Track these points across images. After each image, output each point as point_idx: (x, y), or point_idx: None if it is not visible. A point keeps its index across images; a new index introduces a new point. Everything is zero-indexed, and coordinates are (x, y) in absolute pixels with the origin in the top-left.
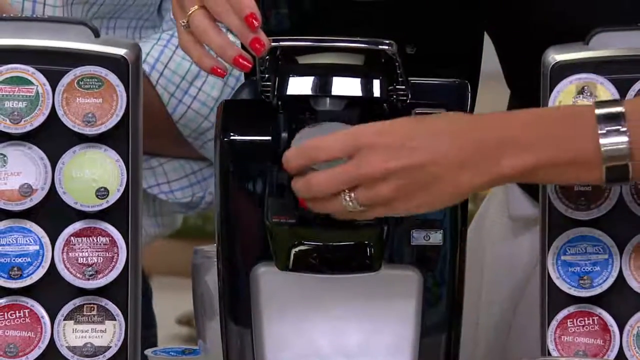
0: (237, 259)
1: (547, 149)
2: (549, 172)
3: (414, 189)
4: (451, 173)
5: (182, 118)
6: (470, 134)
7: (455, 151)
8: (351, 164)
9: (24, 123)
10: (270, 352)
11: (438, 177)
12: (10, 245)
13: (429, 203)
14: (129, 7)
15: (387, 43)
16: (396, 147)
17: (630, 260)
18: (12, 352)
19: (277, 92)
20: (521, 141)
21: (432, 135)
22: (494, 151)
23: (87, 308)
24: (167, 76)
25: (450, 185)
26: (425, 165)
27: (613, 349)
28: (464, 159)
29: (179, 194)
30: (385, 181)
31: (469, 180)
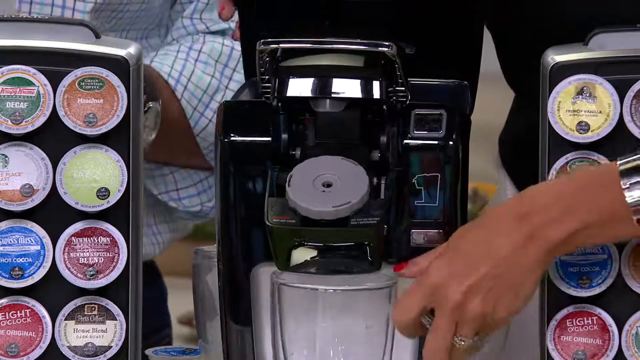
0: (238, 259)
1: (579, 215)
2: (588, 235)
3: (496, 291)
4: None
5: (203, 131)
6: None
7: (507, 246)
8: (437, 314)
9: (25, 123)
10: (270, 351)
11: (504, 271)
12: (12, 245)
13: (517, 293)
14: (143, 17)
15: (386, 45)
16: (460, 270)
17: (629, 261)
18: (14, 352)
19: (277, 93)
20: (554, 215)
21: (484, 242)
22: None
23: (88, 308)
24: (191, 90)
25: (518, 271)
26: (490, 268)
27: (612, 349)
28: (515, 246)
29: (187, 202)
30: (470, 301)
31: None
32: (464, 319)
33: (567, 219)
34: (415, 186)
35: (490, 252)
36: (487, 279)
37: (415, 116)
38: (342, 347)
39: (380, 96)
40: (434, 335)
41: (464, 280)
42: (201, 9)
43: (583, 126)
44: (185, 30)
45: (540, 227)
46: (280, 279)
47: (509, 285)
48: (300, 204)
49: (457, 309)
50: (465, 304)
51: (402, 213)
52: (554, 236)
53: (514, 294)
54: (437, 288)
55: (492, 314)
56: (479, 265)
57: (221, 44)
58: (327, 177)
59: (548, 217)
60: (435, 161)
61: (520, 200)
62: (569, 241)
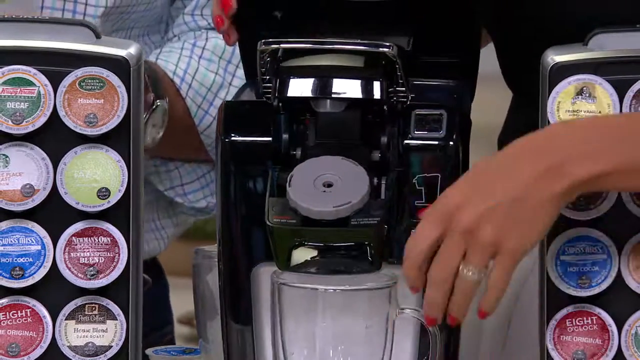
0: (238, 259)
1: (606, 157)
2: (613, 181)
3: (511, 220)
4: (528, 186)
5: (208, 129)
6: (537, 149)
7: (528, 171)
8: (445, 239)
9: (25, 124)
10: (270, 351)
11: (522, 198)
12: (12, 245)
13: (531, 225)
14: (147, 16)
15: (387, 45)
16: (476, 195)
17: (629, 260)
18: (14, 352)
19: (277, 94)
20: (589, 147)
21: (504, 170)
22: (562, 165)
23: (88, 308)
24: (195, 88)
25: (535, 201)
26: (508, 196)
27: (612, 349)
28: (537, 172)
29: (192, 197)
30: (483, 227)
31: (550, 192)
32: (474, 246)
33: (594, 159)
34: (416, 186)
35: (509, 180)
36: (503, 206)
37: (416, 116)
38: (342, 346)
39: (380, 96)
40: (439, 262)
41: (479, 205)
42: (202, 5)
43: None
44: (186, 27)
45: (565, 162)
46: (281, 279)
47: (524, 216)
48: (301, 204)
49: (468, 234)
50: (477, 230)
51: (403, 213)
52: (578, 174)
53: (528, 226)
54: (450, 213)
55: (504, 243)
56: (495, 191)
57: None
58: (328, 177)
59: (575, 155)
60: (435, 161)
61: (545, 135)
62: (592, 183)
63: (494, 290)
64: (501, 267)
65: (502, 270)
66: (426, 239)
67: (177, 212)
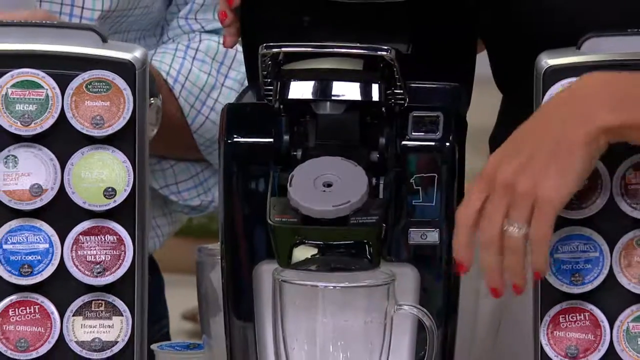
0: (241, 257)
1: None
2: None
3: (545, 170)
4: (558, 131)
5: (200, 128)
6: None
7: (557, 120)
8: (490, 197)
9: (34, 125)
10: (272, 346)
11: (553, 147)
12: (21, 243)
13: (565, 172)
14: (143, 20)
15: (385, 49)
16: (511, 151)
17: (620, 258)
18: (23, 347)
19: (279, 96)
20: (620, 97)
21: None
22: (590, 111)
23: (95, 304)
24: (188, 88)
25: (565, 147)
26: (540, 146)
27: (604, 344)
28: (566, 115)
29: (186, 195)
30: (520, 181)
31: (578, 135)
32: (513, 200)
33: (622, 109)
34: (413, 186)
35: (541, 131)
36: (537, 157)
37: (413, 118)
38: (342, 342)
39: (379, 99)
40: (485, 221)
41: (514, 160)
42: (196, 10)
43: None
44: (180, 30)
45: (592, 108)
46: (282, 276)
47: (557, 164)
48: (302, 203)
49: (507, 189)
50: (515, 184)
51: (400, 212)
52: (605, 120)
53: (562, 173)
54: (492, 174)
55: (539, 193)
56: (529, 143)
57: (217, 42)
58: (328, 177)
59: (603, 102)
60: (432, 162)
61: (577, 84)
62: (619, 132)
63: (538, 245)
64: (540, 218)
65: (541, 222)
66: (474, 203)
67: (171, 210)
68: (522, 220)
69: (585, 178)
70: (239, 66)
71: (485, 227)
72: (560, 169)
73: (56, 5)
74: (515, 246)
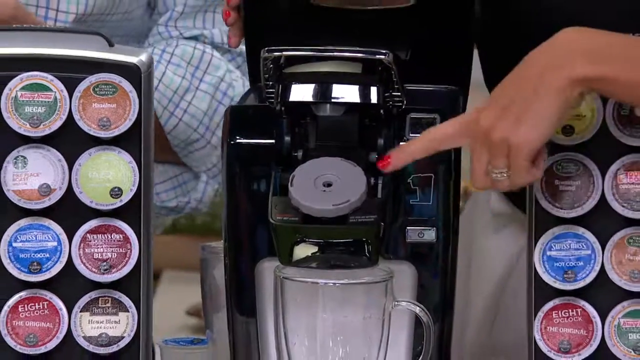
0: (243, 255)
1: (614, 64)
2: (617, 88)
3: (520, 116)
4: (535, 79)
5: (174, 130)
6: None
7: (533, 69)
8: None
9: (43, 127)
10: (273, 341)
11: (527, 94)
12: (30, 241)
13: (538, 118)
14: (124, 26)
15: (383, 53)
16: (492, 100)
17: (612, 256)
18: (32, 342)
19: (280, 98)
20: (595, 51)
21: (516, 73)
22: (564, 61)
23: (102, 300)
24: (161, 90)
25: (539, 95)
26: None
27: (595, 339)
28: (543, 64)
29: (164, 196)
30: (496, 127)
31: (553, 82)
32: (492, 146)
33: (595, 62)
34: (411, 186)
35: (520, 80)
36: (515, 105)
37: (411, 120)
38: (341, 337)
39: (377, 101)
40: (473, 170)
41: (494, 107)
42: (176, 17)
43: (568, 129)
44: (160, 36)
45: (573, 59)
46: (283, 273)
47: (531, 111)
48: (302, 203)
49: (486, 136)
50: (492, 131)
51: (398, 211)
52: (584, 71)
53: (536, 119)
54: (475, 120)
55: (511, 139)
56: (509, 92)
57: (193, 47)
58: (328, 177)
59: (577, 54)
60: (429, 162)
61: (557, 36)
62: (597, 83)
63: (519, 185)
64: (515, 165)
65: (516, 169)
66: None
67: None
68: (501, 167)
69: (560, 126)
70: (214, 70)
71: (474, 176)
72: (534, 115)
73: (32, 8)
74: (503, 186)
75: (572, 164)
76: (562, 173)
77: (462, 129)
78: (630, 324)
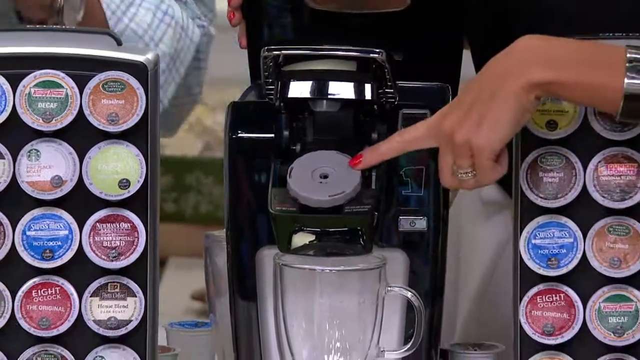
0: (244, 243)
1: (574, 69)
2: (572, 91)
3: (480, 120)
4: (494, 84)
5: (123, 36)
6: (507, 54)
7: (492, 75)
8: (440, 148)
9: (55, 122)
10: (273, 324)
11: (486, 98)
12: (43, 230)
13: (495, 123)
14: None
15: (377, 51)
16: (454, 104)
17: (593, 244)
18: (45, 325)
19: (279, 95)
20: (550, 57)
21: (477, 79)
22: (522, 67)
23: (111, 286)
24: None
25: (498, 100)
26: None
27: (577, 322)
28: (502, 70)
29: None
30: (458, 131)
31: (510, 87)
32: (455, 148)
33: (556, 68)
34: (403, 178)
35: (480, 85)
36: (474, 109)
37: (403, 115)
38: (337, 321)
39: (371, 97)
40: (441, 170)
41: (456, 112)
42: None
43: (552, 124)
44: None
45: (529, 66)
46: (282, 260)
47: (492, 115)
48: (300, 194)
49: (448, 139)
50: (454, 134)
51: (391, 201)
52: (539, 76)
53: (495, 123)
54: (438, 124)
55: (473, 141)
56: (470, 96)
57: None
58: (324, 169)
59: (535, 60)
60: (420, 155)
61: (516, 44)
62: (551, 88)
63: (482, 184)
64: (479, 165)
65: (480, 168)
66: (413, 132)
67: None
68: (466, 167)
69: (519, 129)
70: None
71: (442, 177)
72: (493, 119)
73: None
74: (469, 185)
75: (556, 157)
76: (546, 165)
77: (429, 132)
78: (610, 308)
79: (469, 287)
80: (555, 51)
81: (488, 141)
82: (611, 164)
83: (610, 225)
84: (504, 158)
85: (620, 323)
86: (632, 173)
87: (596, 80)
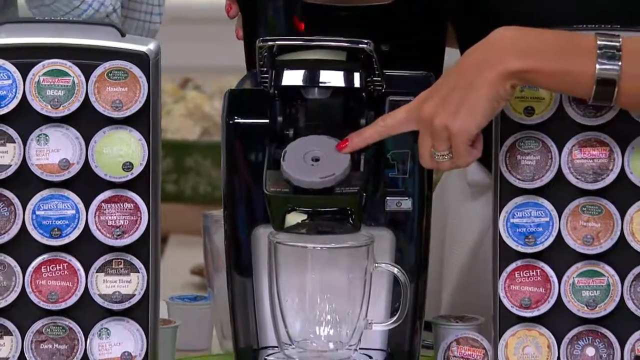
0: (241, 222)
1: (547, 57)
2: (547, 79)
3: (457, 106)
4: (471, 73)
5: None
6: (483, 45)
7: (470, 63)
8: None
9: (62, 108)
10: (267, 298)
11: (463, 85)
12: (52, 210)
13: (470, 109)
14: None
15: (365, 42)
16: (432, 91)
17: (567, 222)
18: (54, 299)
19: (273, 83)
20: (524, 47)
21: (456, 67)
22: (498, 56)
23: (115, 262)
24: None
25: (474, 86)
26: (454, 83)
27: (553, 296)
28: (479, 60)
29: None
30: (437, 115)
31: (486, 76)
32: (434, 132)
33: (529, 57)
34: (389, 161)
35: (458, 74)
36: (452, 96)
37: (390, 102)
38: (328, 295)
39: (360, 85)
40: (420, 152)
41: (434, 98)
42: None
43: (529, 110)
44: None
45: (504, 55)
46: (276, 239)
47: (467, 101)
48: (293, 176)
49: (427, 123)
50: (433, 119)
51: (378, 183)
52: (514, 65)
53: (471, 110)
54: (417, 109)
55: (450, 126)
56: (447, 84)
57: None
58: (315, 153)
59: (510, 50)
60: (405, 139)
61: (492, 35)
62: (525, 76)
63: (458, 166)
64: (456, 148)
65: (457, 151)
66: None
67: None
68: (443, 150)
69: (494, 116)
70: None
71: (421, 158)
72: (469, 106)
73: None
74: (446, 167)
75: (533, 141)
76: (524, 149)
77: (409, 116)
78: (584, 282)
79: (456, 263)
80: (529, 41)
81: (465, 126)
82: (585, 148)
83: (584, 205)
84: (479, 142)
85: (593, 297)
86: (604, 156)
87: (569, 68)
